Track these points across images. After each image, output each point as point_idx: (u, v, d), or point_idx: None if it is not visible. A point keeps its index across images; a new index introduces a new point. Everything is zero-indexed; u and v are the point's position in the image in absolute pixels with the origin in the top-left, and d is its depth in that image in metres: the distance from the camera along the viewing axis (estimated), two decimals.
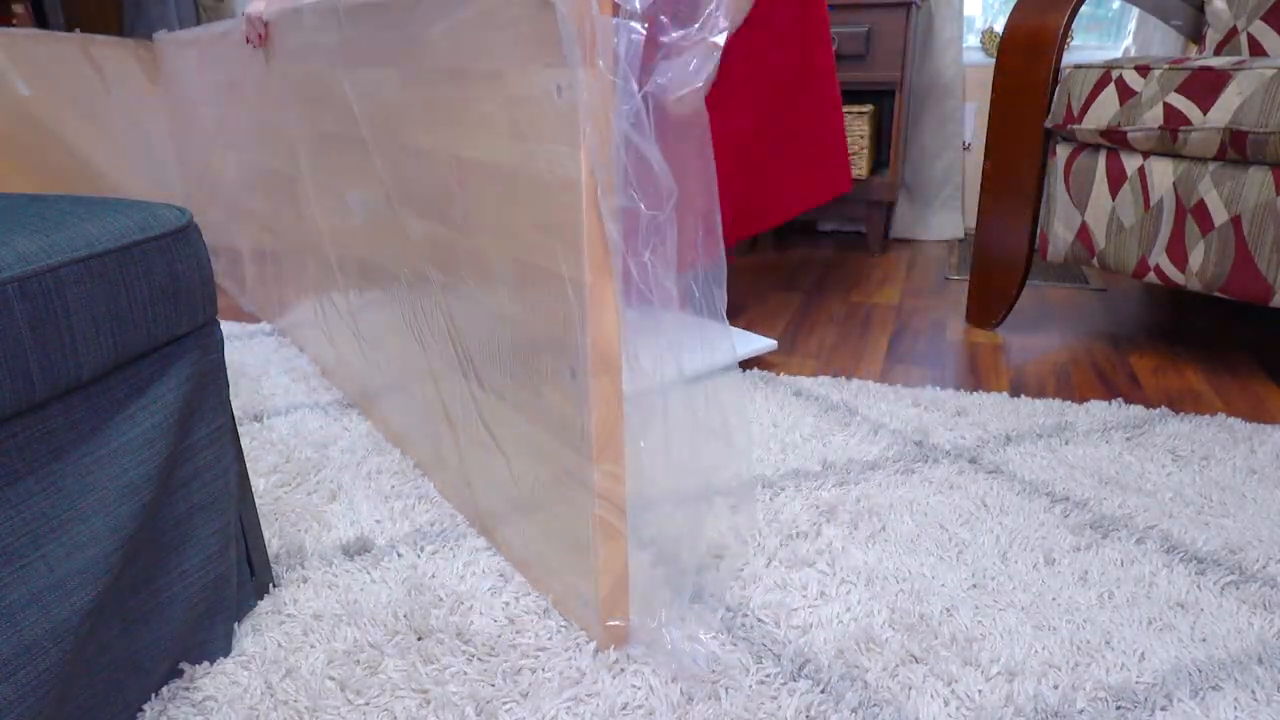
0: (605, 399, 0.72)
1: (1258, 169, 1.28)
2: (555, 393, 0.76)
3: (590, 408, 0.71)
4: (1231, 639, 0.79)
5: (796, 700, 0.72)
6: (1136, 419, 1.26)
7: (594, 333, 0.70)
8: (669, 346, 0.74)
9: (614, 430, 0.73)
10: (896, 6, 2.15)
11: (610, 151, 0.65)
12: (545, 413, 0.79)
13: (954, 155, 2.51)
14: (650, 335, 0.73)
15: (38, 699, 0.59)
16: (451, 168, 0.85)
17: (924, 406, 1.32)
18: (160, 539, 0.72)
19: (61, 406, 0.61)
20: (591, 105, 0.64)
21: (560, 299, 0.72)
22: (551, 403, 0.77)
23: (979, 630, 0.81)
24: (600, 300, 0.69)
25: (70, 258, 0.60)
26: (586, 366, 0.71)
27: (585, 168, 0.65)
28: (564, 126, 0.66)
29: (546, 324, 0.75)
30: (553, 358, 0.75)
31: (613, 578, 0.77)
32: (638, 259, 0.69)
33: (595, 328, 0.70)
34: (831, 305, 1.93)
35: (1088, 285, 2.05)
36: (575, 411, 0.74)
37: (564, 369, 0.74)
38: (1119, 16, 2.56)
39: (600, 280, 0.69)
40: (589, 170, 0.65)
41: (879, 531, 0.97)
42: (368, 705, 0.73)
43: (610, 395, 0.72)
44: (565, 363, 0.73)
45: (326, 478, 1.12)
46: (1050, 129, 1.53)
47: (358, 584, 0.89)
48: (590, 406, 0.71)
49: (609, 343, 0.71)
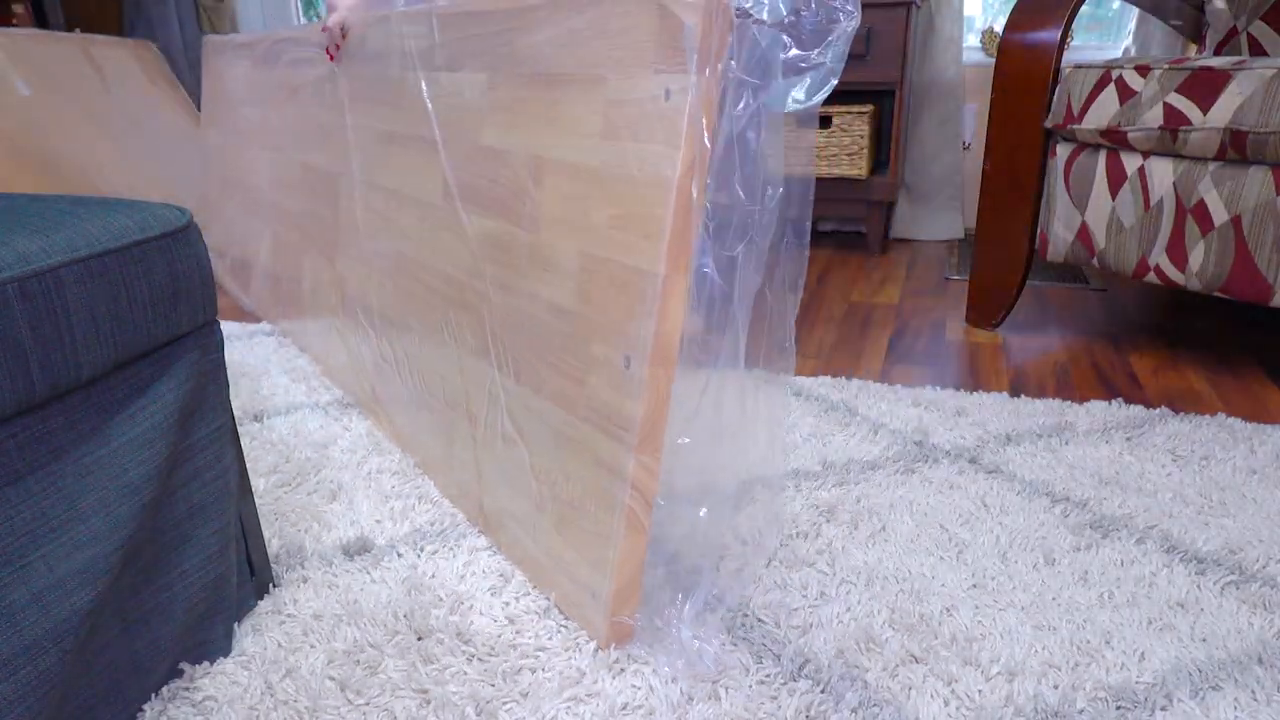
0: (657, 390, 0.73)
1: (1258, 169, 1.28)
2: (603, 382, 0.77)
3: (641, 397, 0.73)
4: (1231, 639, 0.80)
5: (796, 700, 0.72)
6: (1136, 419, 1.26)
7: (659, 323, 0.71)
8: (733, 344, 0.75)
9: (659, 422, 0.75)
10: (896, 6, 2.16)
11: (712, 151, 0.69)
12: (587, 402, 0.80)
13: (954, 155, 2.51)
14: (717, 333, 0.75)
15: (38, 699, 0.59)
16: (528, 166, 0.88)
17: (924, 406, 1.32)
18: (160, 539, 0.72)
19: (61, 406, 0.61)
20: (702, 107, 0.67)
21: (627, 290, 0.74)
22: (597, 392, 0.78)
23: (979, 630, 0.81)
24: (671, 292, 0.71)
25: (70, 258, 0.60)
26: (646, 356, 0.72)
27: (683, 166, 0.68)
28: (666, 128, 0.70)
29: (606, 314, 0.77)
30: (607, 347, 0.77)
31: (628, 572, 0.78)
32: (728, 252, 0.72)
33: (661, 318, 0.71)
34: (831, 305, 1.93)
35: (1088, 285, 2.05)
36: (623, 400, 0.75)
37: (617, 357, 0.75)
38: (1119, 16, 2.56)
39: (675, 273, 0.71)
40: (686, 169, 0.68)
41: (879, 531, 0.98)
42: (368, 705, 0.73)
43: (663, 386, 0.74)
44: (620, 351, 0.75)
45: (326, 478, 1.12)
46: (1050, 129, 1.53)
47: (358, 584, 0.89)
48: (642, 396, 0.73)
49: (671, 334, 0.72)
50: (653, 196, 0.71)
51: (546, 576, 0.87)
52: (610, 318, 0.77)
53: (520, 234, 0.90)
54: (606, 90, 0.77)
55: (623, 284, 0.75)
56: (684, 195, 0.69)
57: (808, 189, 0.76)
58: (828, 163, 2.28)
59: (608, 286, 0.77)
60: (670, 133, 0.69)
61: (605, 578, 0.78)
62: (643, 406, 0.73)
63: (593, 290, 0.79)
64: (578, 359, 0.81)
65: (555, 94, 0.84)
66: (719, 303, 0.74)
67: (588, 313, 0.80)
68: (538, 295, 0.87)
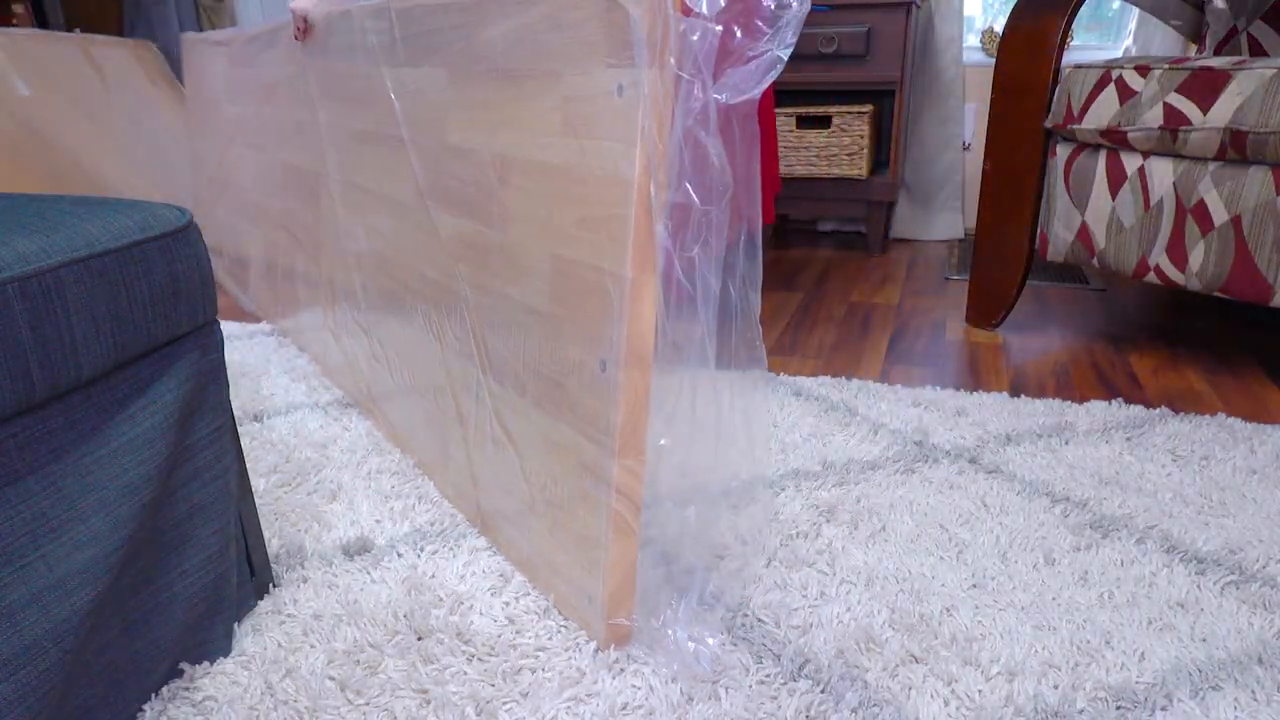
0: (634, 393, 0.73)
1: (1258, 169, 1.28)
2: (581, 386, 0.77)
3: (619, 401, 0.72)
4: (1231, 639, 0.80)
5: (796, 700, 0.72)
6: (1136, 419, 1.26)
7: (630, 326, 0.71)
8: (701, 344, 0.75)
9: (639, 425, 0.74)
10: (896, 6, 2.16)
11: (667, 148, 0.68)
12: (568, 406, 0.79)
13: (954, 155, 2.51)
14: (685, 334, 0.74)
15: (38, 699, 0.59)
16: (494, 165, 0.87)
17: (924, 406, 1.32)
18: (160, 539, 0.72)
19: (61, 406, 0.61)
20: (654, 103, 0.66)
21: (597, 292, 0.73)
22: (576, 396, 0.78)
23: (979, 630, 0.81)
24: (640, 294, 0.70)
25: (70, 258, 0.60)
26: (620, 359, 0.71)
27: (640, 164, 0.67)
28: (621, 124, 0.68)
29: (579, 317, 0.76)
30: (582, 350, 0.76)
31: (620, 575, 0.77)
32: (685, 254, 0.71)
33: (632, 321, 0.71)
34: (831, 305, 1.93)
35: (1088, 285, 2.05)
36: (602, 405, 0.74)
37: (593, 362, 0.75)
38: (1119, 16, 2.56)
39: (642, 275, 0.70)
40: (643, 167, 0.67)
41: (879, 531, 0.97)
42: (368, 705, 0.73)
43: (640, 389, 0.73)
44: (595, 355, 0.74)
45: (326, 478, 1.12)
46: (1050, 129, 1.53)
47: (358, 584, 0.89)
48: (619, 400, 0.72)
49: (644, 337, 0.72)
50: (615, 196, 0.70)
51: (543, 578, 0.87)
52: (583, 320, 0.76)
53: (491, 234, 0.89)
54: (563, 86, 0.75)
55: (592, 286, 0.74)
56: (644, 194, 0.68)
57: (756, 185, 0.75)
58: (828, 163, 2.28)
59: (578, 289, 0.76)
60: (626, 129, 0.68)
61: (598, 581, 0.78)
62: (621, 411, 0.72)
63: (565, 293, 0.78)
64: (555, 362, 0.81)
65: (515, 90, 0.82)
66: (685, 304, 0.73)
67: (561, 315, 0.79)
68: (512, 297, 0.86)
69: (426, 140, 1.00)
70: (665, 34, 0.65)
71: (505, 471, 0.92)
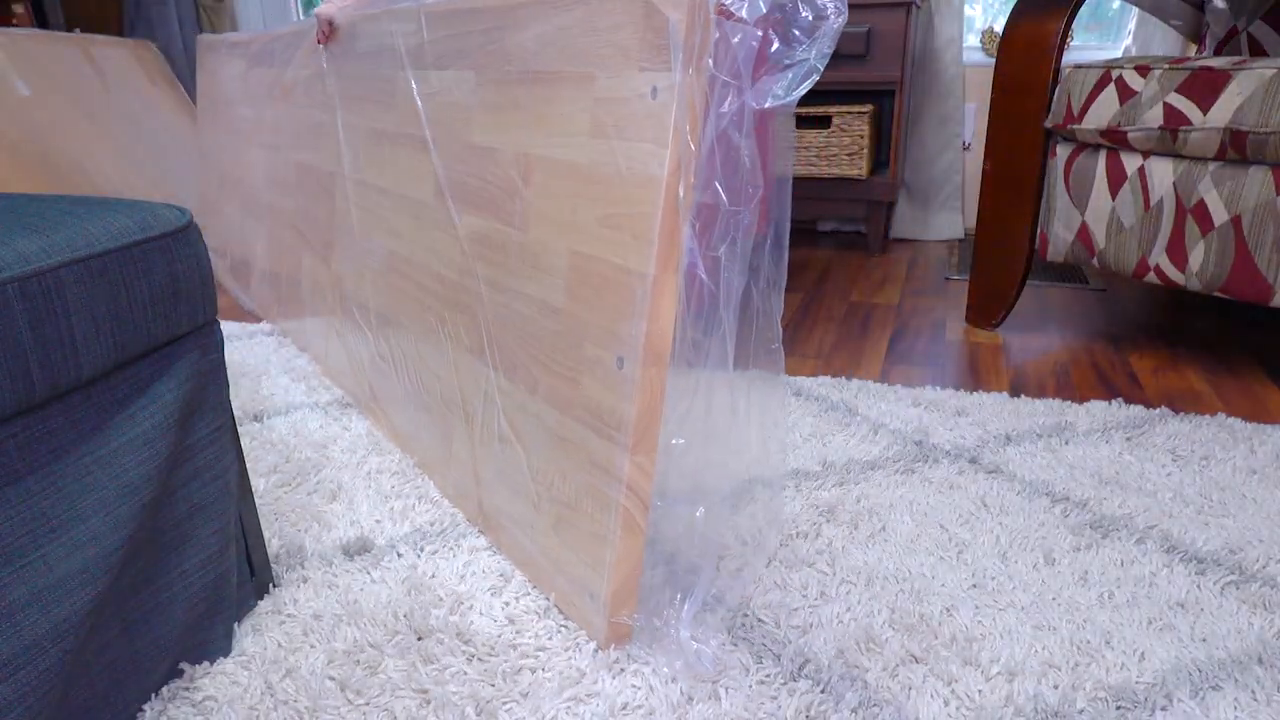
0: (650, 390, 0.73)
1: (1258, 169, 1.28)
2: (595, 382, 0.77)
3: (634, 397, 0.73)
4: (1231, 639, 0.80)
5: (796, 700, 0.72)
6: (1136, 419, 1.26)
7: (650, 324, 0.71)
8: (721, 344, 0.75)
9: (653, 422, 0.75)
10: (896, 6, 2.16)
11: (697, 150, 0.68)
12: (581, 403, 0.80)
13: (954, 155, 2.52)
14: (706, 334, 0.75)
15: (38, 699, 0.59)
16: (518, 164, 0.88)
17: (924, 406, 1.32)
18: (160, 539, 0.72)
19: (61, 406, 0.61)
20: (688, 106, 0.67)
21: (617, 289, 0.74)
22: (590, 392, 0.78)
23: (979, 630, 0.81)
24: (662, 292, 0.71)
25: (70, 258, 0.60)
26: (638, 356, 0.72)
27: (670, 165, 0.68)
28: (654, 126, 0.69)
29: (597, 314, 0.77)
30: (598, 347, 0.77)
31: (625, 573, 0.78)
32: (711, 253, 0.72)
33: (652, 319, 0.71)
34: (831, 305, 1.93)
35: (1088, 285, 2.05)
36: (617, 401, 0.75)
37: (610, 358, 0.75)
38: (1119, 16, 2.56)
39: (665, 273, 0.71)
40: (674, 167, 0.68)
41: (879, 531, 0.97)
42: (368, 705, 0.73)
43: (656, 387, 0.74)
44: (613, 352, 0.75)
45: (326, 478, 1.12)
46: (1050, 129, 1.53)
47: (358, 584, 0.89)
48: (635, 396, 0.73)
49: (663, 335, 0.72)
50: (642, 195, 0.71)
51: (545, 577, 0.87)
52: (602, 318, 0.76)
53: (511, 233, 0.90)
54: (595, 88, 0.77)
55: (613, 284, 0.75)
56: (673, 194, 0.69)
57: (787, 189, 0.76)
58: (828, 163, 2.28)
59: (598, 286, 0.77)
60: (658, 131, 0.69)
61: (603, 578, 0.78)
62: (636, 407, 0.73)
63: (583, 290, 0.79)
64: (570, 359, 0.81)
65: (544, 92, 0.84)
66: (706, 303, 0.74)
67: (579, 312, 0.80)
68: (529, 295, 0.87)
69: (450, 140, 1.01)
70: (705, 38, 0.66)
71: (511, 469, 0.92)
